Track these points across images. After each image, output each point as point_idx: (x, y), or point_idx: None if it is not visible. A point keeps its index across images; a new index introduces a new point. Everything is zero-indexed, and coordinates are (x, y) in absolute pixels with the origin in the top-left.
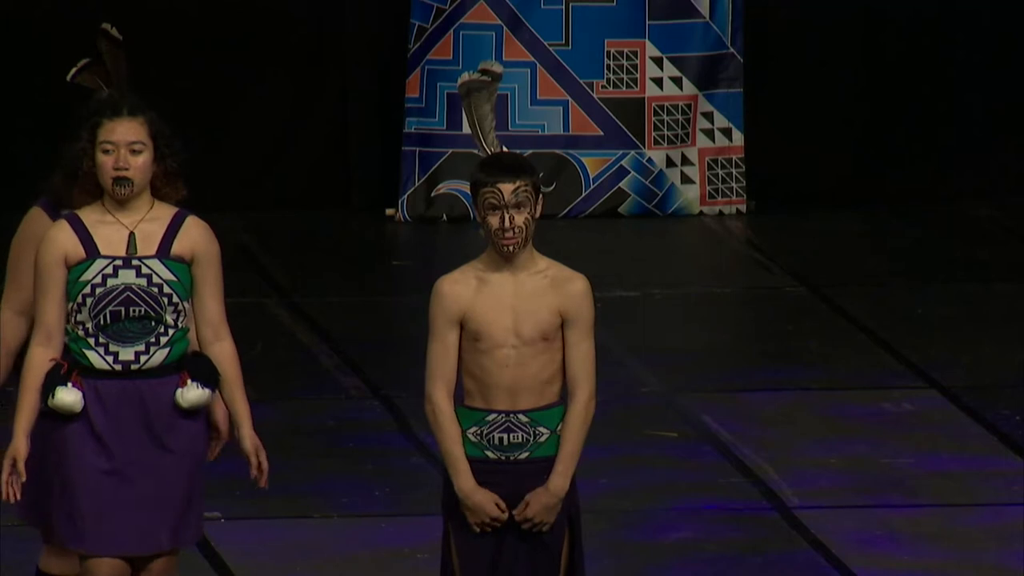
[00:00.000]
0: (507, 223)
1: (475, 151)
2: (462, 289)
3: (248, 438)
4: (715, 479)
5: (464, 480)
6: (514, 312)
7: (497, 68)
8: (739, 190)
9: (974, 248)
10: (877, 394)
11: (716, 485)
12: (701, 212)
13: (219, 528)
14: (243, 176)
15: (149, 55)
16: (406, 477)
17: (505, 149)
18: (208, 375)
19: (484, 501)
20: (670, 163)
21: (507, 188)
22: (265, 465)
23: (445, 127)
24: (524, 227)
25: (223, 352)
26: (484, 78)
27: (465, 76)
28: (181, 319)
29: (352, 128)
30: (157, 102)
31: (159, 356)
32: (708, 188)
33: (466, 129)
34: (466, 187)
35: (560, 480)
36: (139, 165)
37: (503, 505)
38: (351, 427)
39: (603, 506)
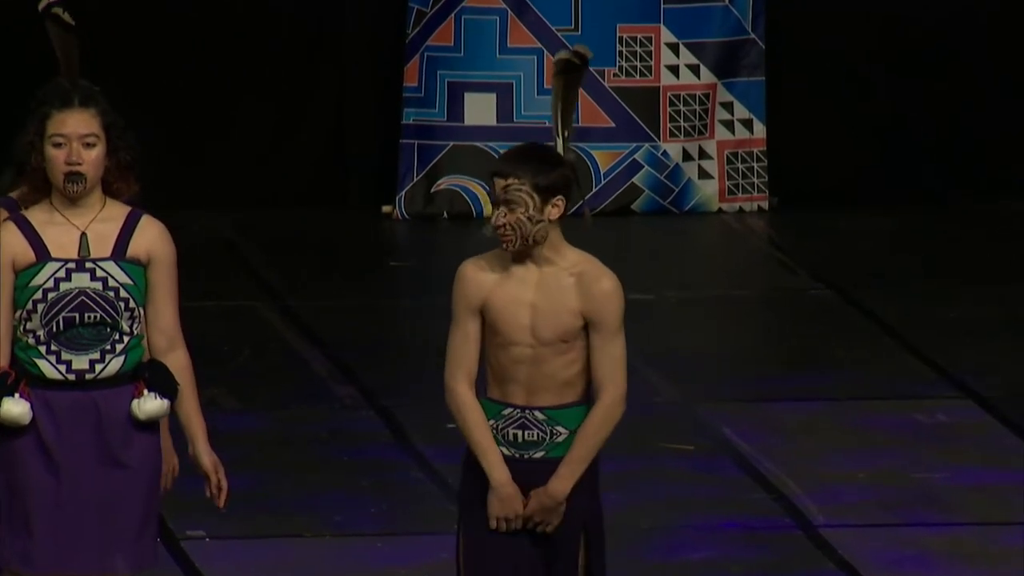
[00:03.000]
0: (498, 219)
1: (477, 144)
2: (485, 276)
3: (206, 454)
4: (735, 495)
5: (497, 470)
6: (533, 310)
7: (589, 54)
8: (760, 185)
9: (1011, 247)
10: (908, 404)
11: (736, 501)
12: (720, 209)
13: (204, 548)
14: (231, 171)
15: (139, 47)
16: (404, 493)
17: (567, 136)
18: (166, 385)
19: (516, 495)
20: (687, 157)
21: (499, 183)
22: (224, 484)
23: (446, 118)
24: (516, 227)
25: (177, 362)
26: (577, 61)
27: (564, 54)
28: (137, 325)
29: (347, 120)
30: (146, 94)
31: (115, 364)
32: (727, 183)
33: (468, 120)
34: (468, 182)
35: (560, 483)
36: (92, 159)
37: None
38: (345, 439)
39: (615, 524)
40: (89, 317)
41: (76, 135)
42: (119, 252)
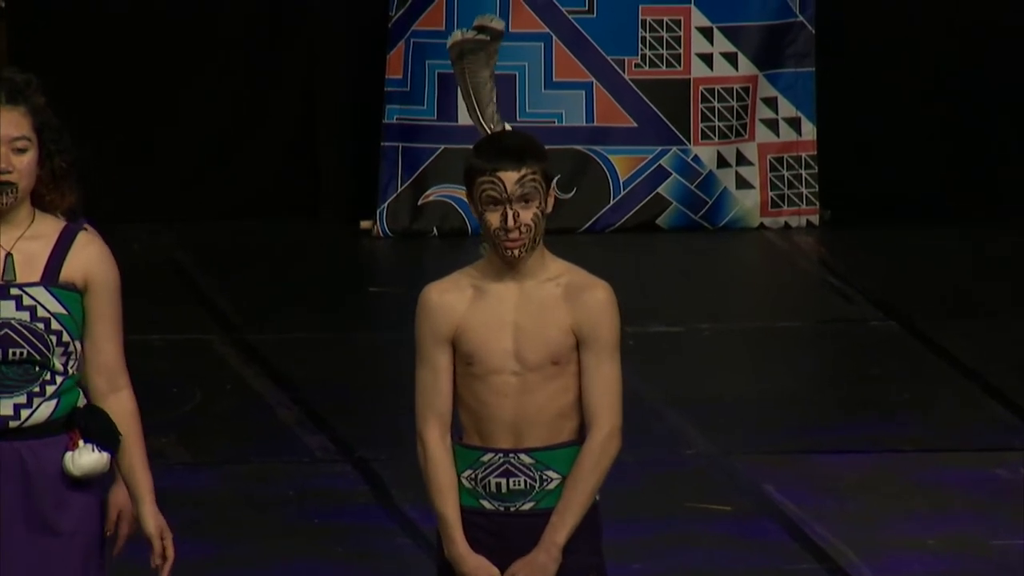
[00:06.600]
0: (510, 221)
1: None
2: (454, 300)
3: (151, 517)
4: (780, 564)
5: (453, 544)
6: (516, 330)
7: (497, 24)
8: (810, 196)
9: None
10: (987, 457)
11: (781, 572)
12: (762, 224)
13: None
14: (181, 178)
15: (74, 33)
16: (386, 561)
17: (508, 127)
18: (106, 434)
19: (478, 568)
20: (722, 163)
21: (510, 177)
22: (171, 552)
23: (436, 117)
24: (533, 225)
25: (120, 406)
26: (481, 37)
27: (458, 35)
28: (72, 363)
29: (318, 118)
30: (78, 86)
31: (45, 410)
32: (771, 194)
33: (462, 119)
34: (462, 193)
35: (554, 533)
36: (23, 166)
37: None
38: (317, 498)
39: None
40: (14, 354)
41: (6, 138)
42: (50, 276)
